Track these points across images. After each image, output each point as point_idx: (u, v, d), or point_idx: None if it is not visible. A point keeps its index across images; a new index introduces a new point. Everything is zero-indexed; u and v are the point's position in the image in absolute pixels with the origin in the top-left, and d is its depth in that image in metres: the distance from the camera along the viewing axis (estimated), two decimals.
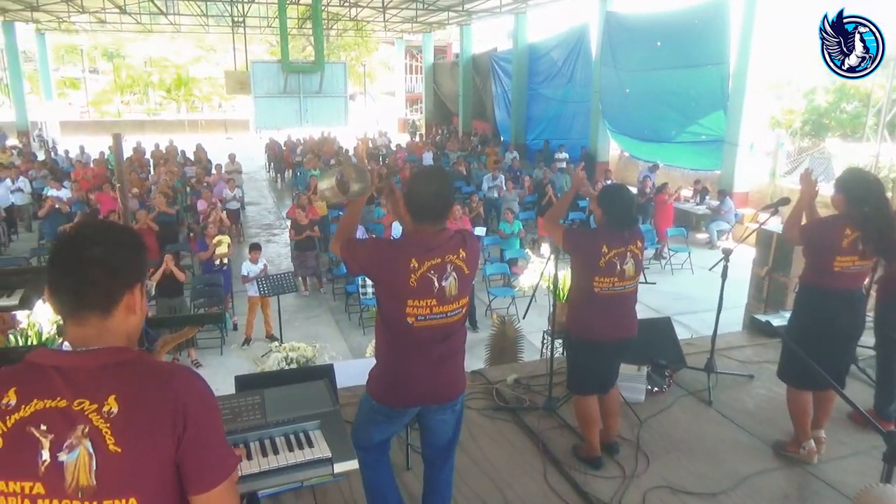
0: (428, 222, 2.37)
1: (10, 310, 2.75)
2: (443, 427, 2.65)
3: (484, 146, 21.14)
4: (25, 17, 23.02)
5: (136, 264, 1.37)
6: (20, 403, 1.22)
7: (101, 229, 1.35)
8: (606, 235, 3.33)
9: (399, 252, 2.36)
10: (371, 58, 40.60)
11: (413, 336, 2.39)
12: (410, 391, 2.49)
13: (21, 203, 13.37)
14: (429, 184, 2.37)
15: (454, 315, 2.44)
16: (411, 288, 2.31)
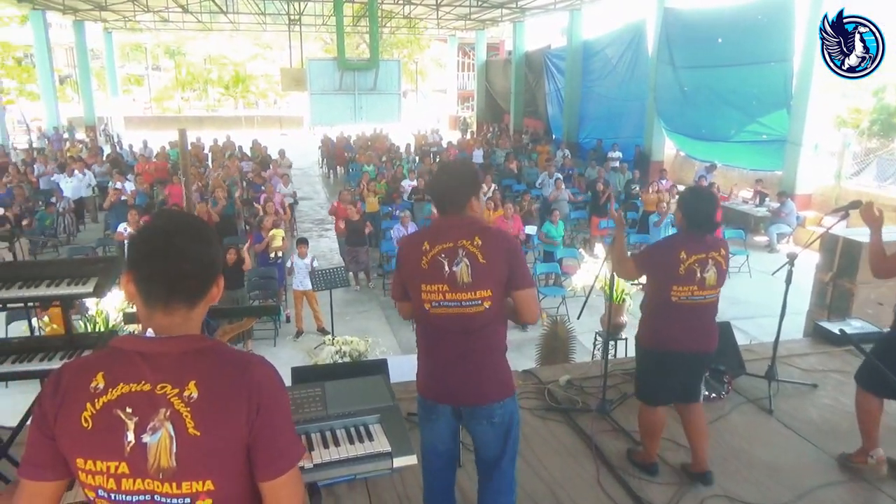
0: (441, 210, 2.43)
1: (85, 297, 2.87)
2: (483, 439, 2.51)
3: (535, 144, 20.99)
4: (94, 17, 24.01)
5: (219, 257, 1.42)
6: (107, 387, 1.28)
7: (190, 223, 1.39)
8: (685, 241, 3.20)
9: (416, 237, 2.47)
10: (423, 55, 40.79)
11: (432, 324, 2.39)
12: (436, 383, 2.47)
13: (88, 195, 13.96)
14: (439, 174, 2.50)
15: (470, 306, 2.33)
16: (423, 271, 2.34)
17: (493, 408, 2.44)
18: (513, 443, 2.54)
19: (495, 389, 2.44)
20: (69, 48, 30.24)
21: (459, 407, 2.49)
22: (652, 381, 3.41)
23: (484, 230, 2.37)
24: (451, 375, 2.42)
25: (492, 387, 2.44)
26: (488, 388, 2.43)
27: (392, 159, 16.84)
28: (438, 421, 2.53)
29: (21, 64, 26.22)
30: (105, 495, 1.30)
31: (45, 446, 1.31)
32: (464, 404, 2.47)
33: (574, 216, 12.87)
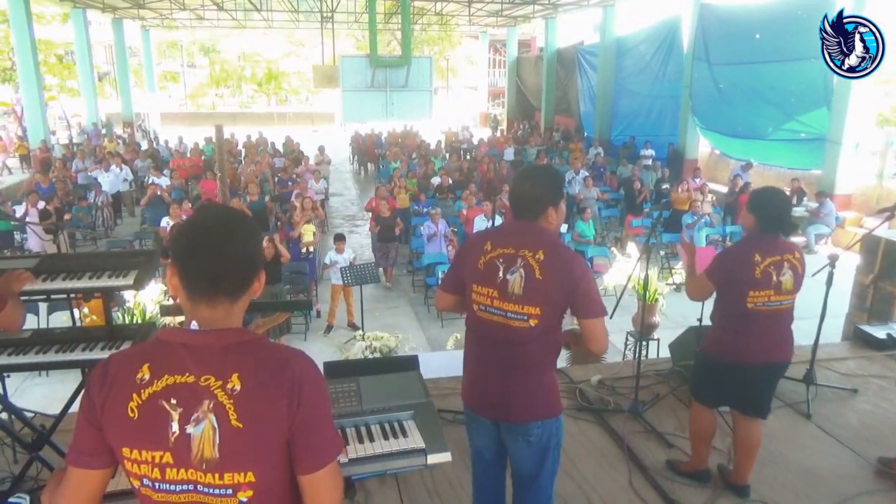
0: (516, 214, 2.37)
1: (125, 289, 2.93)
2: (518, 455, 2.43)
3: (566, 141, 20.82)
4: (132, 15, 24.53)
5: (261, 251, 1.44)
6: (153, 378, 1.30)
7: (232, 218, 1.39)
8: (758, 243, 3.05)
9: (483, 235, 2.43)
10: (454, 52, 40.75)
11: (477, 329, 2.35)
12: (476, 392, 2.42)
13: (125, 190, 14.26)
14: (521, 178, 2.44)
15: (516, 319, 2.23)
16: (478, 270, 2.29)
17: (529, 427, 2.33)
18: (552, 463, 2.42)
19: (534, 409, 2.32)
20: (108, 46, 30.92)
21: (496, 421, 2.42)
22: (712, 383, 3.28)
23: (552, 245, 2.26)
24: (490, 387, 2.35)
25: (531, 405, 2.32)
26: (526, 407, 2.31)
27: (422, 156, 16.87)
28: (480, 430, 2.49)
29: (62, 61, 26.89)
30: (150, 484, 1.32)
31: (91, 435, 1.34)
32: (500, 419, 2.39)
33: (605, 214, 12.74)
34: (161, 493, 1.32)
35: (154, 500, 1.34)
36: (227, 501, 1.32)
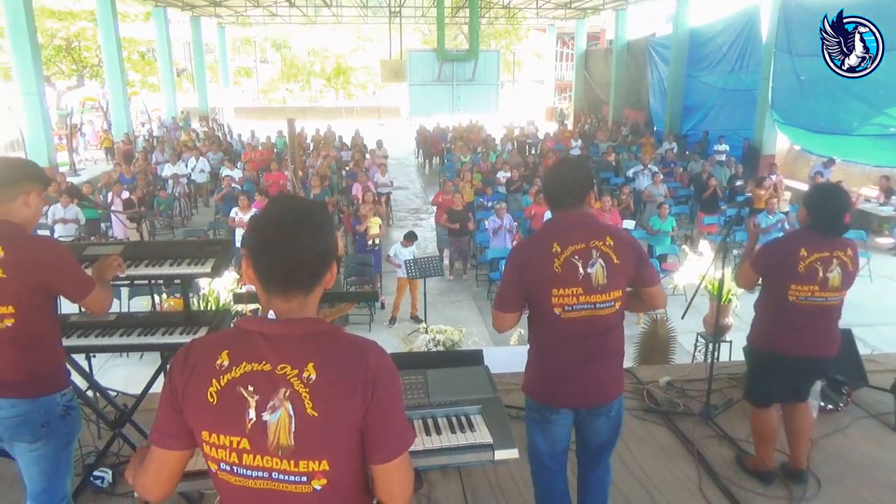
0: (564, 206, 2.35)
1: (203, 276, 3.04)
2: (596, 431, 2.51)
3: (635, 136, 20.32)
4: (210, 13, 25.45)
5: (334, 244, 1.44)
6: (232, 365, 1.33)
7: (305, 211, 1.39)
8: (806, 238, 3.02)
9: (540, 239, 2.37)
10: (520, 45, 40.40)
11: (561, 329, 2.31)
12: (561, 389, 2.39)
13: (201, 181, 14.84)
14: (560, 169, 2.43)
15: (604, 308, 2.30)
16: (555, 274, 2.25)
17: (613, 403, 2.45)
18: (620, 429, 2.58)
19: (617, 387, 2.45)
20: (186, 43, 32.21)
21: (580, 408, 2.45)
22: (761, 382, 3.27)
23: (613, 230, 2.37)
24: (577, 378, 2.36)
25: (615, 385, 2.44)
26: (612, 387, 2.43)
27: (487, 150, 16.81)
28: (557, 424, 2.47)
29: (144, 58, 28.17)
30: (227, 468, 1.35)
31: (173, 418, 1.38)
32: (587, 405, 2.43)
33: (674, 211, 12.36)
34: (238, 477, 1.35)
35: (231, 484, 1.37)
36: (302, 489, 1.35)
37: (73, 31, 23.38)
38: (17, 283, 2.14)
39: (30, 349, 2.22)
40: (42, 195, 2.30)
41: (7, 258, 2.13)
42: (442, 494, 3.25)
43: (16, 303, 2.15)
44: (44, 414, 2.24)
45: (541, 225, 9.61)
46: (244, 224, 9.25)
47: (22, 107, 13.30)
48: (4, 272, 2.12)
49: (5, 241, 2.15)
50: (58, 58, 23.85)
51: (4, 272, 2.12)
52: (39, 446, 2.28)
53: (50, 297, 2.25)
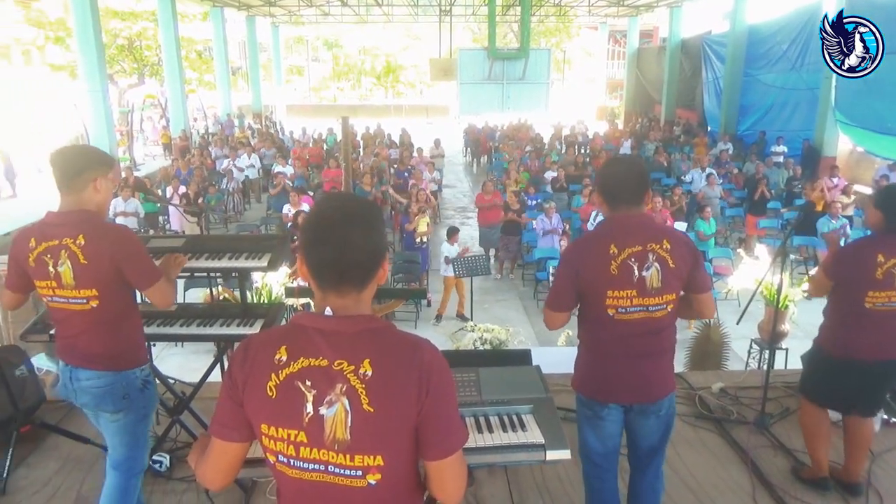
0: (622, 207, 2.31)
1: (260, 270, 3.12)
2: (646, 431, 2.50)
3: (688, 136, 19.86)
4: (264, 12, 26.00)
5: (385, 240, 1.46)
6: (290, 360, 1.36)
7: (357, 208, 1.41)
8: (882, 243, 2.92)
9: (597, 240, 2.34)
10: (571, 43, 39.96)
11: (613, 329, 2.31)
12: (612, 385, 2.40)
13: (253, 177, 15.19)
14: (618, 167, 2.39)
15: (658, 310, 2.29)
16: (611, 276, 2.24)
17: (662, 402, 2.44)
18: (671, 431, 2.56)
19: (668, 385, 2.45)
20: (241, 42, 32.95)
21: (631, 405, 2.45)
22: (823, 380, 3.19)
23: (670, 232, 2.36)
24: (628, 376, 2.37)
25: (666, 383, 2.44)
26: (663, 385, 2.43)
27: (536, 150, 16.70)
28: (607, 420, 2.47)
29: (201, 57, 28.96)
30: (285, 461, 1.38)
31: (233, 411, 1.42)
32: (638, 402, 2.43)
33: (729, 214, 12.05)
34: (295, 469, 1.38)
35: (288, 476, 1.40)
36: (357, 482, 1.37)
37: (135, 31, 24.21)
38: (97, 268, 2.29)
39: (113, 328, 2.40)
40: (108, 178, 2.41)
41: (87, 245, 2.27)
42: (488, 493, 3.26)
43: (98, 286, 2.32)
44: (125, 386, 2.42)
45: (586, 222, 9.56)
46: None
47: (86, 104, 13.85)
48: (85, 258, 2.28)
49: (85, 229, 2.29)
50: (120, 57, 24.71)
51: (85, 258, 2.28)
52: (120, 417, 2.47)
53: (126, 281, 2.39)
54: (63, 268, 2.28)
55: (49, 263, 2.29)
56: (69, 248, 2.27)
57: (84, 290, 2.31)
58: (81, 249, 2.27)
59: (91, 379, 2.39)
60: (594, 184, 2.43)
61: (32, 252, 2.31)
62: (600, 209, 2.44)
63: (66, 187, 2.33)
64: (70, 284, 2.30)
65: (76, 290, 2.31)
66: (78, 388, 2.42)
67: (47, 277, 2.31)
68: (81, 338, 2.39)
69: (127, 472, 2.58)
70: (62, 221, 2.31)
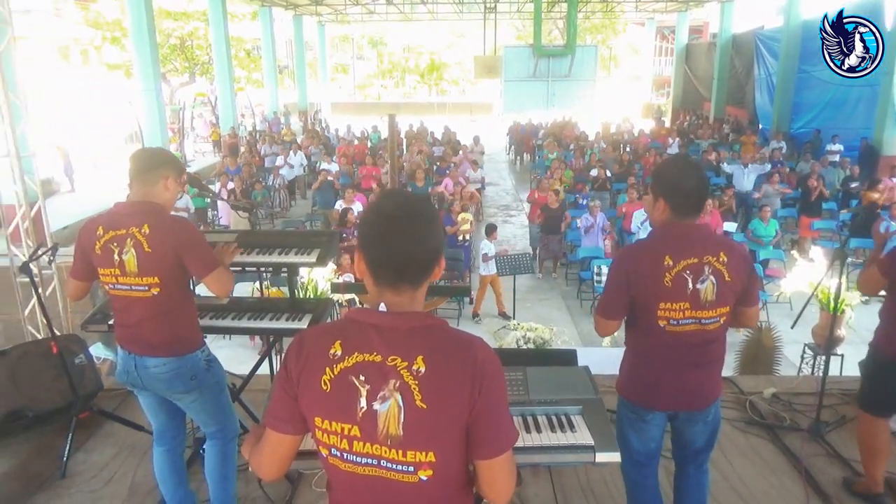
0: (683, 217, 2.23)
1: (309, 266, 3.17)
2: (693, 436, 2.49)
3: (737, 134, 19.34)
4: (311, 11, 26.37)
5: (442, 237, 1.46)
6: (344, 355, 1.37)
7: (416, 206, 1.41)
8: None
9: (652, 249, 2.28)
10: (617, 40, 39.38)
11: (663, 339, 2.27)
12: (659, 393, 2.36)
13: (299, 174, 15.43)
14: (685, 174, 2.25)
15: (710, 323, 2.25)
16: (664, 288, 2.19)
17: (710, 409, 2.42)
18: (717, 433, 2.55)
19: (716, 391, 2.43)
20: (288, 41, 33.48)
21: (678, 412, 2.43)
22: (880, 385, 3.06)
23: (727, 245, 2.29)
24: (677, 385, 2.34)
25: (713, 390, 2.41)
26: (710, 393, 2.40)
27: (580, 147, 16.51)
28: (651, 424, 2.45)
29: (250, 55, 29.54)
30: (338, 454, 1.40)
31: (287, 404, 1.44)
32: (686, 410, 2.41)
33: (780, 214, 11.69)
34: (348, 463, 1.39)
35: (341, 469, 1.42)
36: (408, 478, 1.37)
37: (187, 31, 24.84)
38: (159, 257, 2.39)
39: (173, 315, 2.51)
40: (178, 181, 2.53)
41: (151, 234, 2.37)
42: (532, 493, 3.24)
43: (160, 274, 2.41)
44: (190, 369, 2.55)
45: (629, 222, 9.39)
46: None
47: (141, 102, 14.27)
48: (149, 246, 2.37)
49: (150, 220, 2.39)
50: (172, 56, 25.38)
51: (149, 246, 2.37)
52: (196, 396, 2.61)
53: (185, 270, 2.48)
54: (128, 256, 2.37)
55: (115, 251, 2.39)
56: (135, 237, 2.37)
57: (147, 277, 2.40)
58: (146, 238, 2.36)
59: (158, 366, 2.50)
60: (654, 187, 2.30)
61: (100, 240, 2.41)
62: (659, 215, 2.31)
63: (138, 179, 2.43)
64: (133, 272, 2.40)
65: (139, 277, 2.40)
66: (145, 375, 2.53)
67: (112, 265, 2.41)
68: (143, 325, 2.49)
69: (222, 439, 2.76)
70: (129, 211, 2.42)
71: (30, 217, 5.85)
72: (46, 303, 3.94)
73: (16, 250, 5.88)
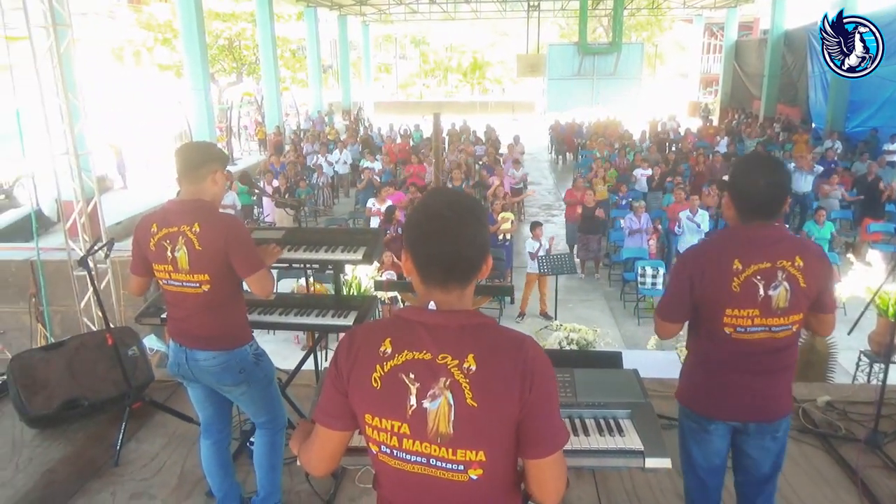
0: (758, 219, 2.09)
1: (355, 263, 3.20)
2: (761, 454, 2.32)
3: (788, 133, 18.76)
4: (355, 11, 26.65)
5: (489, 235, 1.44)
6: (394, 352, 1.37)
7: (463, 204, 1.40)
8: None
9: (719, 251, 2.14)
10: (663, 37, 38.65)
11: (729, 346, 2.16)
12: (724, 402, 2.24)
13: (343, 172, 15.60)
14: (761, 173, 2.09)
15: (781, 331, 2.12)
16: (732, 294, 2.07)
17: (779, 424, 2.27)
18: (783, 456, 2.37)
19: (787, 404, 2.28)
20: (332, 41, 33.88)
21: (746, 423, 2.28)
22: None
23: (804, 248, 2.13)
24: (744, 394, 2.21)
25: (783, 402, 2.27)
26: (782, 405, 2.26)
27: (624, 146, 16.26)
28: (714, 436, 2.33)
29: (295, 55, 30.01)
30: (387, 451, 1.40)
31: (337, 400, 1.45)
32: (753, 421, 2.27)
33: (834, 216, 11.29)
34: (397, 460, 1.40)
35: (390, 466, 1.42)
36: (458, 477, 1.37)
37: (235, 32, 25.39)
38: (210, 255, 2.44)
39: (223, 310, 2.57)
40: (224, 173, 2.57)
41: (202, 233, 2.43)
42: (575, 496, 3.20)
43: (210, 271, 2.47)
44: (239, 362, 2.60)
45: (674, 223, 9.17)
46: (380, 214, 9.60)
47: (190, 101, 14.64)
48: (200, 244, 2.43)
49: (200, 218, 2.44)
50: (221, 56, 25.98)
51: (200, 244, 2.43)
52: (245, 389, 2.67)
53: (233, 267, 2.52)
54: (179, 253, 2.44)
55: (168, 248, 2.45)
56: (186, 235, 2.43)
57: (197, 274, 2.46)
58: (197, 237, 2.42)
59: (208, 359, 2.57)
60: (725, 184, 2.19)
61: (154, 237, 2.48)
62: (728, 215, 2.20)
63: (186, 178, 2.48)
64: (185, 269, 2.46)
65: (190, 274, 2.47)
66: (195, 367, 2.60)
67: (165, 261, 2.48)
68: (194, 320, 2.55)
69: (272, 430, 2.82)
70: (181, 209, 2.47)
71: (86, 213, 6.06)
72: (101, 296, 4.05)
73: (73, 244, 6.10)
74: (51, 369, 3.75)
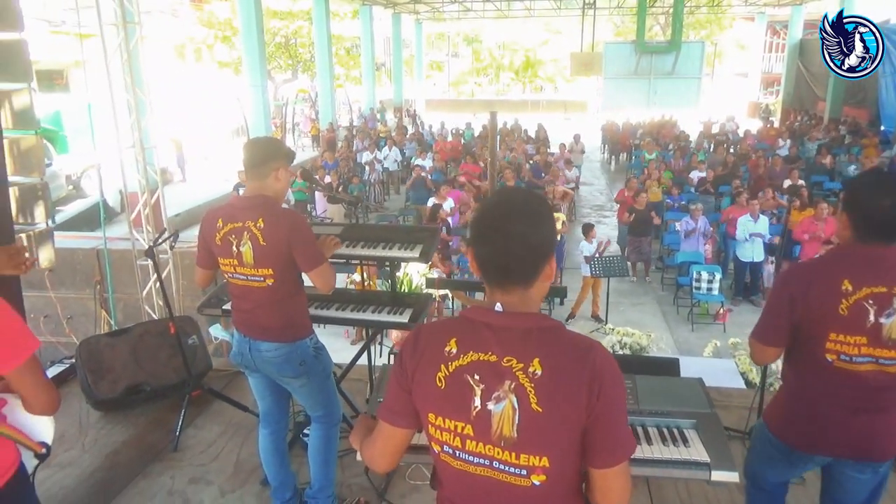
0: (866, 240, 1.92)
1: (412, 261, 3.20)
2: (856, 488, 2.14)
3: (854, 136, 17.98)
4: (409, 10, 26.80)
5: (552, 235, 1.40)
6: (459, 353, 1.36)
7: (524, 203, 1.37)
8: None
9: (829, 269, 1.97)
10: (722, 35, 37.60)
11: (830, 376, 1.98)
12: (821, 436, 2.07)
13: (394, 170, 15.72)
14: (886, 192, 1.90)
15: (892, 365, 1.92)
16: (839, 317, 1.90)
17: (885, 463, 2.10)
18: (883, 489, 2.18)
19: (894, 447, 2.07)
20: (385, 39, 34.19)
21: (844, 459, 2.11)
22: None
23: None
24: (845, 427, 2.03)
25: (893, 444, 2.06)
26: (889, 447, 2.05)
27: (680, 148, 15.88)
28: (797, 466, 2.19)
29: (349, 53, 30.41)
30: (450, 451, 1.39)
31: (401, 398, 1.45)
32: (855, 459, 2.08)
33: None
34: (459, 461, 1.38)
35: (452, 467, 1.41)
36: (521, 481, 1.35)
37: (292, 30, 25.89)
38: (273, 250, 2.49)
39: (286, 303, 2.62)
40: (288, 170, 2.60)
41: (266, 228, 2.47)
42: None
43: (274, 266, 2.52)
44: (300, 354, 2.66)
45: (733, 228, 8.85)
46: (445, 214, 9.67)
47: (248, 97, 14.98)
48: (264, 240, 2.48)
49: (264, 213, 2.49)
50: (277, 54, 26.55)
51: (264, 240, 2.48)
52: (304, 381, 2.71)
53: (295, 262, 2.57)
54: (245, 248, 2.49)
55: (233, 243, 2.51)
56: (251, 231, 2.47)
57: (262, 269, 2.52)
58: (261, 232, 2.46)
59: (270, 350, 2.62)
60: (843, 200, 2.02)
61: (220, 231, 2.54)
62: (842, 232, 2.02)
63: (250, 174, 2.54)
64: (250, 263, 2.51)
65: (255, 268, 2.52)
66: (258, 357, 2.66)
67: (230, 256, 2.54)
68: (257, 312, 2.61)
69: (326, 423, 2.87)
70: (246, 205, 2.52)
71: (150, 204, 6.26)
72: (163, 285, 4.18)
73: (137, 234, 6.31)
74: (116, 355, 3.90)
